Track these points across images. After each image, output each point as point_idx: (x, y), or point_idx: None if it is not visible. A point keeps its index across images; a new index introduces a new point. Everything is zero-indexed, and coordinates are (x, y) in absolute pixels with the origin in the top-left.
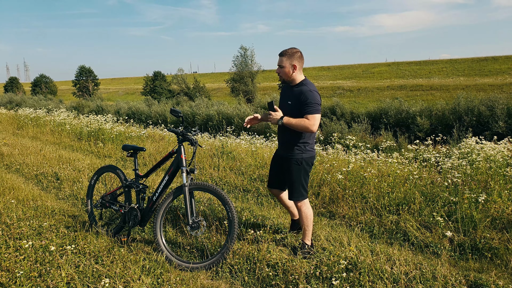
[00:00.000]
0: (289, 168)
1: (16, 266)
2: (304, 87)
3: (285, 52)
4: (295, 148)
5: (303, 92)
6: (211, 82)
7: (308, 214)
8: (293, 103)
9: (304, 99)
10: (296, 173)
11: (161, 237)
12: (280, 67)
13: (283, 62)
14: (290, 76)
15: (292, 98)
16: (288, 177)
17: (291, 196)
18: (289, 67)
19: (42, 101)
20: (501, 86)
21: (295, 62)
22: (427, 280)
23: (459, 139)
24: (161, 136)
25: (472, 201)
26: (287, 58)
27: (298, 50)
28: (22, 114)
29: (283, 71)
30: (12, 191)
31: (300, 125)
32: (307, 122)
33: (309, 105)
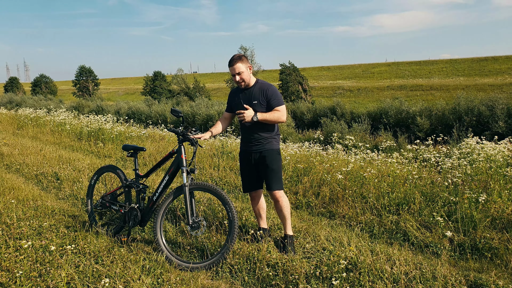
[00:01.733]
0: (270, 160)
1: (16, 266)
2: (263, 84)
3: (237, 58)
4: (273, 141)
5: (265, 88)
6: (211, 82)
7: (287, 204)
8: (258, 101)
9: (270, 94)
10: (277, 162)
11: (161, 237)
12: (239, 74)
13: (240, 68)
14: (249, 79)
15: (256, 97)
16: (268, 170)
17: (272, 187)
18: (247, 70)
19: (42, 101)
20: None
21: (249, 63)
22: (427, 280)
23: (459, 139)
24: (161, 136)
25: (472, 201)
26: (242, 62)
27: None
28: (22, 114)
29: (244, 76)
30: (12, 191)
31: (274, 117)
32: (279, 113)
33: (275, 98)
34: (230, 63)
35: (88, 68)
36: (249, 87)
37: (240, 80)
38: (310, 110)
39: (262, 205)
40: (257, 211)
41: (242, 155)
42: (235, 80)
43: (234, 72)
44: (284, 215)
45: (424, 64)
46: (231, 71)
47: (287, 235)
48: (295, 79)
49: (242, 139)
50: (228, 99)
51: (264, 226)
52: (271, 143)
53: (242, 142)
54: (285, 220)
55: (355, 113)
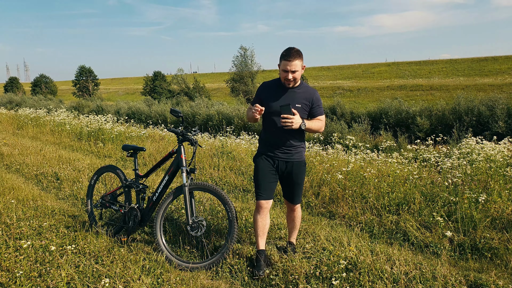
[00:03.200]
0: (297, 173)
1: (16, 266)
2: (309, 89)
3: (296, 53)
4: (302, 151)
5: (311, 93)
6: (211, 82)
7: (301, 213)
8: (303, 106)
9: (316, 100)
10: (303, 175)
11: (161, 237)
12: (294, 72)
13: (297, 66)
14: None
15: (301, 101)
16: (294, 183)
17: (295, 199)
18: (301, 70)
19: (42, 101)
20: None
21: (303, 62)
22: (427, 280)
23: (459, 139)
24: (161, 136)
25: (472, 201)
26: (300, 59)
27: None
28: (22, 114)
29: (297, 75)
30: (12, 191)
31: (317, 127)
32: (321, 123)
33: (320, 106)
34: (286, 56)
35: (88, 68)
36: (293, 87)
37: (292, 80)
38: None
39: (268, 220)
40: (261, 228)
41: (263, 159)
42: (284, 77)
43: (289, 69)
44: (296, 225)
45: (424, 64)
46: (283, 65)
47: (291, 242)
48: None
49: (265, 141)
50: (261, 92)
51: (262, 247)
52: (300, 153)
53: (265, 145)
54: (294, 230)
55: (355, 113)
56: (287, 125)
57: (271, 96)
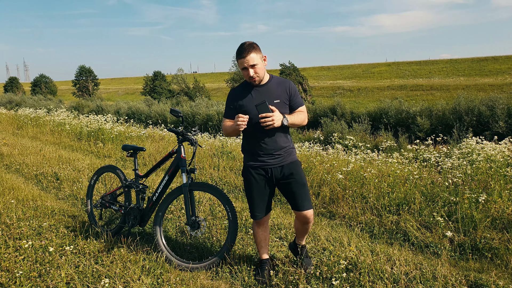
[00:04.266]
0: (298, 174)
1: (16, 266)
2: (281, 80)
3: (250, 46)
4: (293, 151)
5: (286, 83)
6: (211, 82)
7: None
8: (281, 100)
9: (293, 90)
10: (303, 174)
11: (161, 237)
12: (253, 66)
13: (254, 59)
14: (264, 73)
15: (278, 95)
16: (298, 186)
17: (305, 205)
18: (261, 61)
19: (42, 101)
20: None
21: (262, 53)
22: (427, 280)
23: (459, 139)
24: (161, 136)
25: (472, 201)
26: (256, 52)
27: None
28: (22, 114)
29: (259, 69)
30: (12, 191)
31: (300, 120)
32: (304, 115)
33: (298, 95)
34: (240, 54)
35: (88, 68)
36: (264, 83)
37: (255, 75)
38: (310, 110)
39: (267, 232)
40: (262, 239)
41: (252, 172)
42: (247, 75)
43: (247, 65)
44: (306, 230)
45: (424, 64)
46: (240, 64)
47: (302, 245)
48: (295, 79)
49: (250, 150)
50: (231, 101)
51: (266, 256)
52: (292, 153)
53: (252, 155)
54: (304, 234)
55: (355, 113)
56: (268, 124)
57: (244, 101)
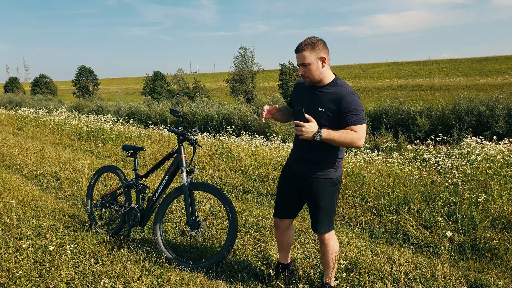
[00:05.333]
0: (318, 191)
1: (16, 266)
2: (342, 89)
3: (305, 44)
4: (328, 166)
5: (342, 95)
6: (211, 82)
7: (336, 249)
8: (327, 110)
9: (347, 105)
10: (329, 196)
11: (161, 237)
12: (304, 65)
13: (306, 58)
14: (320, 74)
15: (325, 104)
16: (315, 203)
17: (318, 227)
18: (316, 62)
19: (42, 101)
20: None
21: (322, 53)
22: (427, 280)
23: (459, 139)
24: (161, 136)
25: (472, 201)
26: (311, 51)
27: (319, 38)
28: (22, 114)
29: (309, 70)
30: (12, 191)
31: (345, 140)
32: (354, 136)
33: (354, 112)
34: (296, 49)
35: (88, 68)
36: (320, 85)
37: (303, 73)
38: None
39: (289, 239)
40: (278, 242)
41: (285, 169)
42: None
43: (298, 62)
44: (327, 261)
45: (424, 64)
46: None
47: (325, 283)
48: (295, 79)
49: (292, 149)
50: (293, 92)
51: (284, 261)
52: (326, 169)
53: (290, 155)
54: (327, 267)
55: None
56: (298, 133)
57: (298, 97)
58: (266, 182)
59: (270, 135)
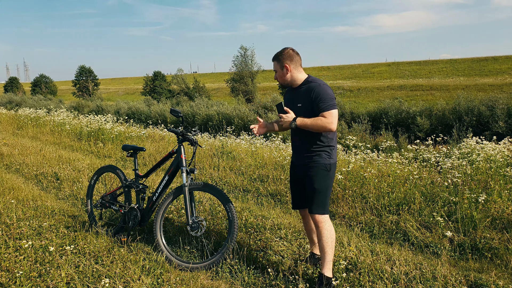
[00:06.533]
0: (313, 174)
1: (16, 266)
2: (311, 84)
3: (275, 55)
4: (322, 153)
5: (312, 88)
6: (211, 82)
7: (332, 233)
8: (303, 104)
9: (315, 95)
10: (322, 180)
11: (161, 237)
12: (275, 71)
13: (274, 66)
14: (286, 79)
15: (301, 99)
16: (310, 185)
17: (312, 208)
18: (280, 70)
19: (42, 101)
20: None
21: (286, 62)
22: (427, 280)
23: (459, 139)
24: (161, 136)
25: (472, 201)
26: (277, 61)
27: (289, 48)
28: (22, 114)
29: (278, 76)
30: (12, 191)
31: (316, 125)
32: (324, 120)
33: (322, 101)
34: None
35: (88, 68)
36: (295, 86)
37: (276, 78)
38: None
39: (309, 227)
40: (308, 233)
41: (290, 164)
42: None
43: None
44: (323, 246)
45: (424, 64)
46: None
47: (322, 274)
48: None
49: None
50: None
51: (316, 251)
52: (320, 156)
53: (292, 151)
54: (323, 253)
55: (355, 113)
56: (280, 123)
57: (285, 100)
58: (266, 182)
59: (270, 135)
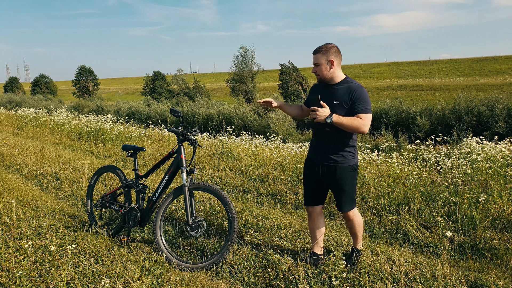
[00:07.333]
0: (341, 176)
1: (16, 266)
2: (352, 84)
3: (320, 48)
4: (348, 153)
5: (353, 89)
6: (211, 82)
7: (360, 222)
8: (340, 102)
9: (356, 96)
10: (351, 180)
11: (161, 237)
12: (316, 65)
13: (318, 59)
14: (328, 74)
15: (339, 97)
16: (340, 187)
17: (343, 207)
18: (325, 63)
19: (42, 101)
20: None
21: (332, 57)
22: (427, 280)
23: (459, 139)
24: (161, 136)
25: (472, 201)
26: (322, 54)
27: (334, 45)
28: (22, 114)
29: (319, 69)
30: (12, 191)
31: (352, 125)
32: (360, 122)
33: (362, 103)
34: (313, 51)
35: (88, 68)
36: (332, 83)
37: (315, 71)
38: None
39: (320, 226)
40: (312, 231)
41: (308, 162)
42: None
43: (313, 62)
44: (355, 233)
45: (424, 64)
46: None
47: (355, 248)
48: (295, 79)
49: (311, 144)
50: (309, 92)
51: (317, 251)
52: (345, 157)
53: (311, 148)
54: (355, 237)
55: None
56: (313, 117)
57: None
58: (266, 182)
59: (270, 135)
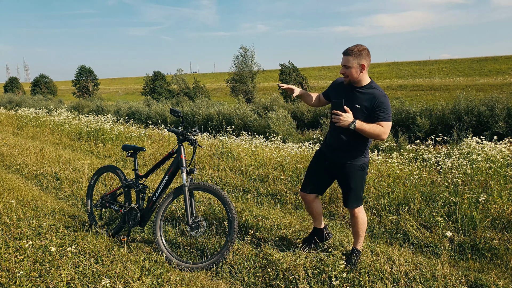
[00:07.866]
0: (350, 174)
1: (16, 266)
2: (376, 91)
3: (351, 50)
4: (358, 154)
5: (376, 96)
6: (211, 82)
7: (364, 221)
8: (362, 107)
9: (378, 104)
10: (359, 179)
11: (161, 237)
12: (346, 67)
13: (349, 61)
14: (358, 77)
15: (361, 102)
16: (347, 184)
17: (348, 203)
18: (357, 67)
19: (42, 101)
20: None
21: (363, 61)
22: (427, 280)
23: (459, 139)
24: (161, 136)
25: (472, 201)
26: (355, 57)
27: (365, 47)
28: (22, 114)
29: (349, 72)
30: (12, 191)
31: (374, 132)
32: (381, 130)
33: (384, 111)
34: (344, 52)
35: (88, 68)
36: (357, 86)
37: (343, 73)
38: (310, 110)
39: (317, 208)
40: (310, 212)
41: (318, 153)
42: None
43: (343, 63)
44: (357, 231)
45: (424, 64)
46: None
47: (355, 248)
48: (295, 79)
49: (326, 138)
50: (330, 86)
51: (319, 226)
52: (356, 156)
53: (324, 142)
54: (356, 236)
55: None
56: (336, 121)
57: (336, 93)
58: (266, 182)
59: (270, 135)
